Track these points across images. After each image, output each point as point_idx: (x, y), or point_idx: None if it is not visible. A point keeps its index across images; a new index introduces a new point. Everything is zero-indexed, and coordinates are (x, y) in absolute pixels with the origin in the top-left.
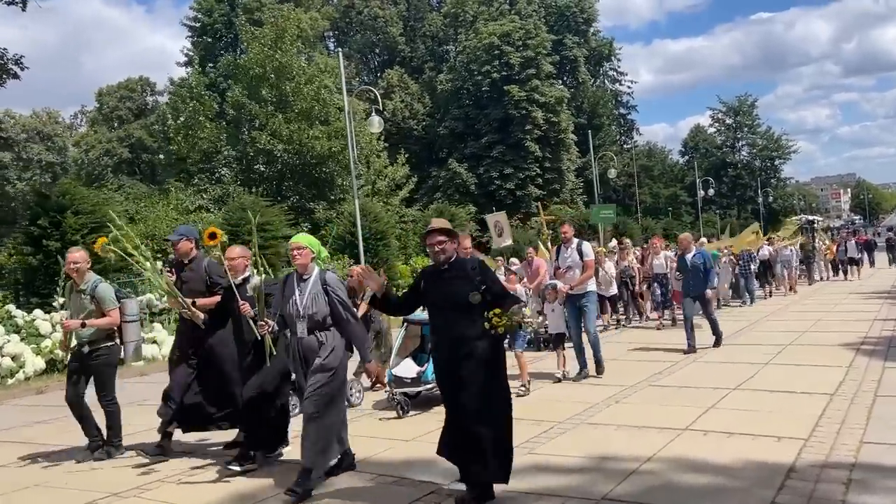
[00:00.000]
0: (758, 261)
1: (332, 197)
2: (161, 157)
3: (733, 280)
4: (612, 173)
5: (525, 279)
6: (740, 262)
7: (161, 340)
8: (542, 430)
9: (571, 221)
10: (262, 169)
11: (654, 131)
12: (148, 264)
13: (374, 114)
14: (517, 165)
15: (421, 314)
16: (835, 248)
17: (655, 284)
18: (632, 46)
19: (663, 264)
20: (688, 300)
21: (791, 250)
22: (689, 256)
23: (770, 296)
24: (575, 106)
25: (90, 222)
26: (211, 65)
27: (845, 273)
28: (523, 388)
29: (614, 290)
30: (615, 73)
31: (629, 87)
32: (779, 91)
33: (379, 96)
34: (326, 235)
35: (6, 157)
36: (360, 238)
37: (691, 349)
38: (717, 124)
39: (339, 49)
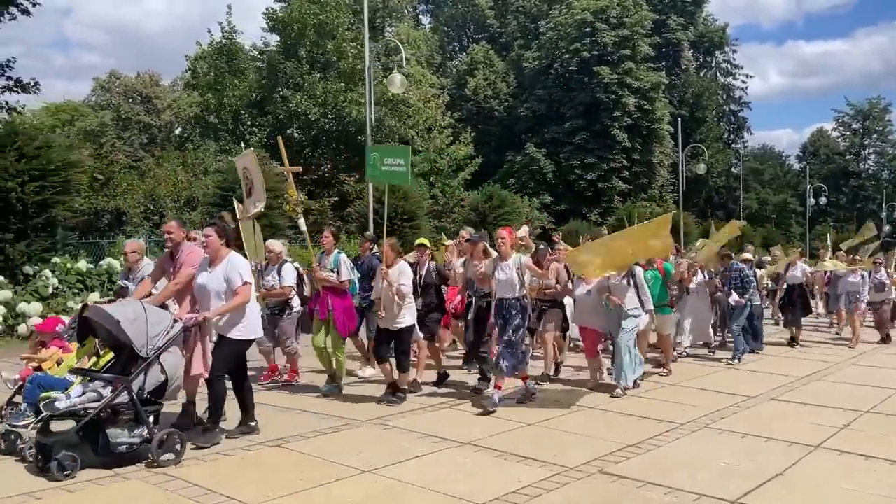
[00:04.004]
0: (768, 283)
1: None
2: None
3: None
4: (702, 168)
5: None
6: (726, 287)
7: None
8: None
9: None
10: (296, 134)
11: (778, 136)
12: None
13: (395, 71)
14: (601, 155)
15: None
16: None
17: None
18: (762, 47)
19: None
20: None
21: (862, 276)
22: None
23: (795, 343)
24: (676, 96)
25: (31, 168)
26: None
27: None
28: None
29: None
30: (729, 66)
31: (744, 82)
32: None
33: (402, 47)
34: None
35: (106, 115)
36: (371, 216)
37: None
38: (841, 128)
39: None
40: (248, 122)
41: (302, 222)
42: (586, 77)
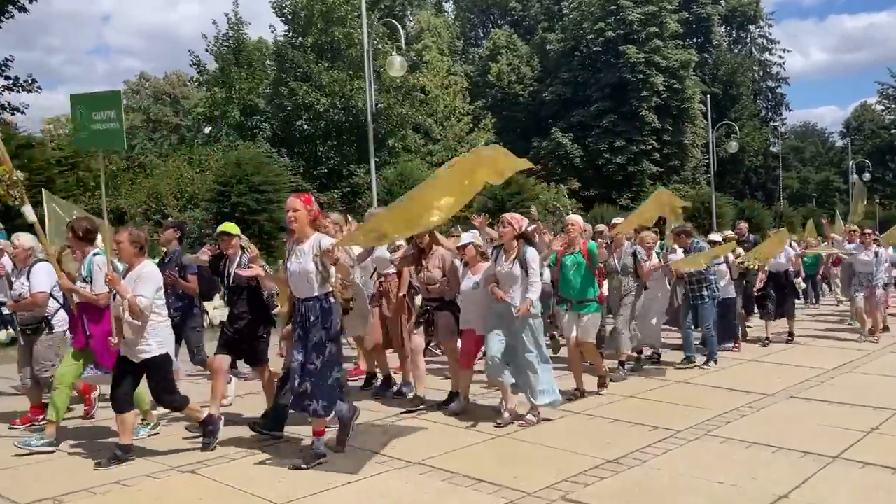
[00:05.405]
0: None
1: (378, 159)
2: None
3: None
4: (733, 147)
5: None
6: (692, 280)
7: None
8: None
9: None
10: (305, 127)
11: (821, 114)
12: None
13: (395, 53)
14: (630, 137)
15: None
16: None
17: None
18: (803, 23)
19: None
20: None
21: (876, 253)
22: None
23: (791, 337)
24: (708, 73)
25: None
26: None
27: None
28: None
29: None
30: (764, 41)
31: (781, 58)
32: None
33: (401, 30)
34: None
35: (137, 118)
36: (376, 207)
37: None
38: (886, 101)
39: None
40: (257, 116)
41: (29, 210)
42: (612, 57)
